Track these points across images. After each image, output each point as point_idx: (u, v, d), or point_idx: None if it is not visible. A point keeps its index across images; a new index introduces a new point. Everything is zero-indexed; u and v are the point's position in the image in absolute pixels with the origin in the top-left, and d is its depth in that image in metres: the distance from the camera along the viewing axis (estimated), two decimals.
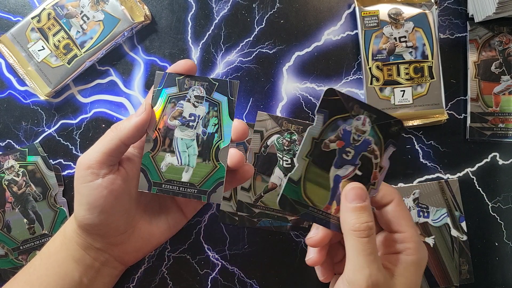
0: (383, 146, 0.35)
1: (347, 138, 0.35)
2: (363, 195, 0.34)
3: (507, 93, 0.48)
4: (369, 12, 0.47)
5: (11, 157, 0.47)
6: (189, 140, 0.38)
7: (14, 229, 0.47)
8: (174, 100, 0.38)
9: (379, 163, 0.35)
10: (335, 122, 0.35)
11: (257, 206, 0.47)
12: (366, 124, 0.35)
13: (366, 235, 0.33)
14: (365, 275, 0.32)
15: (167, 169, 0.38)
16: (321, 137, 0.35)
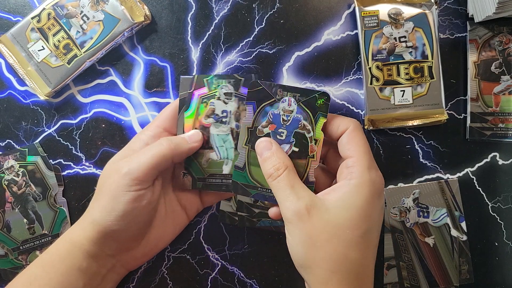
0: (313, 120, 0.37)
1: (278, 121, 0.38)
2: (267, 145, 0.37)
3: (507, 93, 0.48)
4: (369, 12, 0.47)
5: (11, 157, 0.47)
6: (224, 135, 0.41)
7: (14, 229, 0.47)
8: (206, 100, 0.40)
9: (313, 136, 0.37)
10: (264, 109, 0.38)
11: (257, 206, 0.47)
12: (292, 104, 0.38)
13: (276, 175, 0.36)
14: (285, 207, 0.34)
15: (208, 164, 0.41)
16: (254, 125, 0.38)
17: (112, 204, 0.36)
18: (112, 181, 0.37)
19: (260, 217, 0.47)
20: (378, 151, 0.48)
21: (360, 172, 0.34)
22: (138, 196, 0.37)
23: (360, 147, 0.36)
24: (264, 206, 0.47)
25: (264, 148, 0.37)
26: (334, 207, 0.34)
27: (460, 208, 0.47)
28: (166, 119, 0.41)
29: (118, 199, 0.36)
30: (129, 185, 0.36)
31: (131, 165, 0.37)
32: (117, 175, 0.36)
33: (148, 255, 0.42)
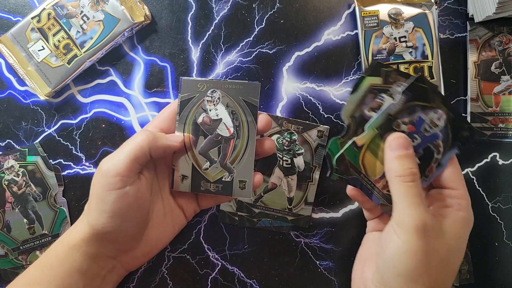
0: (449, 145, 0.36)
1: (419, 126, 0.36)
2: (406, 144, 0.35)
3: (507, 93, 0.48)
4: (369, 12, 0.47)
5: (11, 157, 0.47)
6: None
7: (14, 229, 0.47)
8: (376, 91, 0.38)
9: (439, 159, 0.36)
10: (414, 107, 0.36)
11: (257, 206, 0.47)
12: (441, 119, 0.36)
13: (411, 179, 0.34)
14: (412, 215, 0.33)
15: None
16: (396, 116, 0.36)
17: (100, 206, 0.36)
18: (95, 182, 0.36)
19: (260, 217, 0.47)
20: None
21: (467, 207, 0.36)
22: (123, 194, 0.36)
23: (463, 181, 0.37)
24: (264, 206, 0.47)
25: (402, 145, 0.35)
26: (449, 232, 0.34)
27: None
28: (164, 120, 0.41)
29: (104, 200, 0.36)
30: (111, 183, 0.35)
31: (110, 162, 0.36)
32: (99, 175, 0.36)
33: (148, 255, 0.42)
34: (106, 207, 0.36)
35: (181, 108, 0.40)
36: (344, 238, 0.48)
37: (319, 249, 0.48)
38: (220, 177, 0.40)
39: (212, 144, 0.40)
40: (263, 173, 0.47)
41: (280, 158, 0.47)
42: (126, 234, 0.38)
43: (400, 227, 0.33)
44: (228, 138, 0.40)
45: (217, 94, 0.39)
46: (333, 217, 0.48)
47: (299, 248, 0.48)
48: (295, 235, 0.48)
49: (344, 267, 0.47)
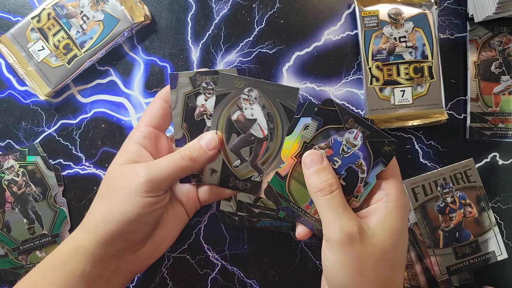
0: (372, 163, 0.36)
1: (337, 148, 0.36)
2: (319, 159, 0.36)
3: (507, 93, 0.48)
4: (369, 12, 0.47)
5: (11, 157, 0.47)
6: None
7: (14, 229, 0.47)
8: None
9: (365, 178, 0.36)
10: (328, 130, 0.36)
11: (257, 206, 0.47)
12: (357, 139, 0.36)
13: (328, 191, 0.34)
14: (337, 227, 0.33)
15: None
16: (312, 143, 0.37)
17: (127, 206, 0.36)
18: (128, 184, 0.37)
19: (260, 217, 0.47)
20: None
21: (396, 196, 0.35)
22: (154, 202, 0.37)
23: (394, 169, 0.37)
24: (264, 206, 0.47)
25: (314, 161, 0.36)
26: (379, 231, 0.34)
27: None
28: (153, 117, 0.41)
29: (134, 203, 0.36)
30: (148, 191, 0.36)
31: (152, 173, 0.37)
32: (136, 180, 0.36)
33: (152, 255, 0.42)
34: (133, 209, 0.36)
35: (216, 102, 0.39)
36: None
37: (319, 249, 0.48)
38: (250, 176, 0.40)
39: (245, 143, 0.40)
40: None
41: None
42: (138, 235, 0.39)
43: (328, 242, 0.34)
44: (261, 139, 0.39)
45: (254, 93, 0.39)
46: None
47: (299, 248, 0.48)
48: None
49: None
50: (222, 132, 0.39)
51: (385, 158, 0.36)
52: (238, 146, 0.40)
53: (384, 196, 0.36)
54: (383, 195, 0.36)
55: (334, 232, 0.33)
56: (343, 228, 0.33)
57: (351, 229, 0.33)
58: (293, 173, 0.37)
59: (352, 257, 0.33)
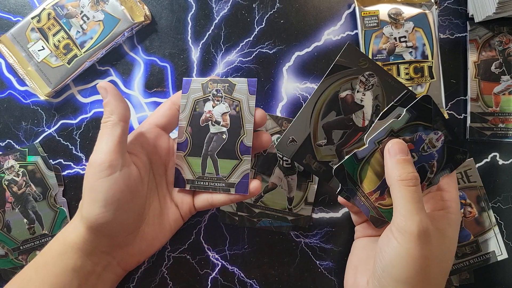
0: (442, 166, 0.37)
1: (418, 145, 0.37)
2: (405, 149, 0.36)
3: (507, 93, 0.48)
4: (369, 12, 0.47)
5: (11, 157, 0.47)
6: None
7: (14, 229, 0.47)
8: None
9: (430, 178, 0.38)
10: (416, 126, 0.37)
11: (257, 206, 0.47)
12: (439, 141, 0.37)
13: (413, 183, 0.34)
14: (416, 221, 0.33)
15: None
16: (398, 133, 0.37)
17: (92, 196, 0.36)
18: (86, 175, 0.37)
19: (260, 217, 0.47)
20: None
21: (457, 209, 0.37)
22: (114, 180, 0.36)
23: (456, 185, 0.38)
24: (264, 206, 0.47)
25: (402, 150, 0.36)
26: (444, 236, 0.35)
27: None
28: (159, 117, 0.41)
29: (96, 190, 0.36)
30: (100, 171, 0.35)
31: (95, 152, 0.36)
32: (88, 168, 0.36)
33: (145, 253, 0.42)
34: (98, 196, 0.36)
35: (330, 72, 0.37)
36: (344, 238, 0.48)
37: (319, 249, 0.48)
38: (328, 161, 0.38)
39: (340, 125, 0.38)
40: (263, 173, 0.47)
41: (280, 158, 0.47)
42: (121, 226, 0.38)
43: (401, 232, 0.33)
44: (358, 128, 0.38)
45: (374, 80, 0.37)
46: (333, 217, 0.48)
47: (299, 248, 0.48)
48: (295, 235, 0.48)
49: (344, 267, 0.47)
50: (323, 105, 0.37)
51: (454, 165, 0.37)
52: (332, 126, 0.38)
53: (447, 207, 0.37)
54: (447, 206, 0.37)
55: (412, 224, 0.33)
56: (422, 222, 0.33)
57: (429, 225, 0.33)
58: (369, 157, 0.37)
59: (423, 253, 0.33)
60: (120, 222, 0.38)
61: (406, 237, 0.33)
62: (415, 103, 0.36)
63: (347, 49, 0.37)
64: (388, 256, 0.34)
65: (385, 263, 0.34)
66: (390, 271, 0.34)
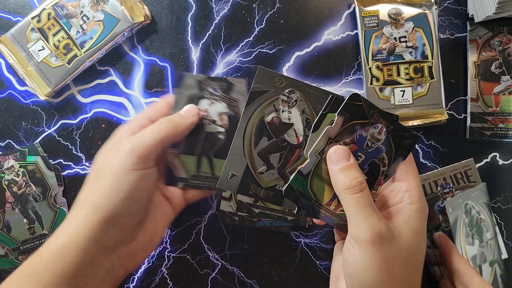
0: (393, 156, 0.36)
1: (361, 144, 0.36)
2: (346, 155, 0.35)
3: (507, 93, 0.48)
4: (369, 12, 0.47)
5: (11, 157, 0.47)
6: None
7: (14, 229, 0.47)
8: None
9: (385, 171, 0.36)
10: (353, 126, 0.35)
11: (257, 206, 0.47)
12: (382, 133, 0.36)
13: (358, 190, 0.34)
14: (367, 227, 0.33)
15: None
16: (337, 138, 0.36)
17: (116, 186, 0.35)
18: (114, 162, 0.35)
19: (260, 217, 0.47)
20: None
21: (418, 198, 0.36)
22: (143, 176, 0.35)
23: (415, 172, 0.37)
24: (264, 206, 0.47)
25: (341, 157, 0.35)
26: (405, 231, 0.34)
27: None
28: (153, 112, 0.40)
29: (123, 179, 0.35)
30: (134, 163, 0.35)
31: (135, 143, 0.35)
32: (121, 155, 0.35)
33: (146, 249, 0.40)
34: (124, 187, 0.35)
35: (249, 100, 0.36)
36: None
37: (319, 249, 0.48)
38: (274, 185, 0.37)
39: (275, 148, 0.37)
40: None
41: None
42: (130, 220, 0.37)
43: (356, 241, 0.33)
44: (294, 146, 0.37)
45: (295, 96, 0.36)
46: None
47: (299, 248, 0.48)
48: (295, 235, 0.48)
49: None
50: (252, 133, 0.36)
51: (405, 151, 0.36)
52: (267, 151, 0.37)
53: (407, 198, 0.36)
54: (406, 197, 0.36)
55: (364, 231, 0.33)
56: (374, 227, 0.33)
57: (382, 229, 0.33)
58: (315, 170, 0.36)
59: (381, 257, 0.33)
60: (132, 215, 0.37)
61: (362, 246, 0.33)
62: (344, 104, 0.35)
63: (260, 73, 0.36)
64: (351, 265, 0.34)
65: (350, 272, 0.34)
66: (356, 280, 0.34)
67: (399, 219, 0.35)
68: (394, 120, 0.35)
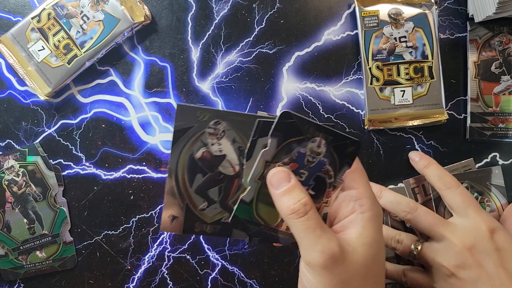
0: (338, 166, 0.34)
1: (301, 160, 0.34)
2: (286, 177, 0.33)
3: (507, 93, 0.48)
4: (369, 12, 0.47)
5: (11, 157, 0.47)
6: None
7: (14, 229, 0.47)
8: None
9: (333, 183, 0.35)
10: (289, 145, 0.34)
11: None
12: (321, 146, 0.34)
13: (303, 213, 0.32)
14: (318, 250, 0.31)
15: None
16: (274, 160, 0.34)
17: None
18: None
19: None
20: (378, 151, 0.48)
21: (370, 205, 0.34)
22: None
23: (364, 178, 0.35)
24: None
25: (281, 180, 0.33)
26: (359, 245, 0.32)
27: None
28: None
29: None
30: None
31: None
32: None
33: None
34: None
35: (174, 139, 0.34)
36: None
37: None
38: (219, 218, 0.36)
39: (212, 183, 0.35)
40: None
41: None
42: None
43: (309, 266, 0.32)
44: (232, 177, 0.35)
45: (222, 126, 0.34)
46: None
47: None
48: None
49: None
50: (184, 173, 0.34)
51: (350, 159, 0.34)
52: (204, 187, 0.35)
53: (358, 207, 0.34)
54: (357, 206, 0.34)
55: (315, 255, 0.31)
56: (325, 250, 0.31)
57: (333, 250, 0.31)
58: (259, 196, 0.35)
59: (337, 279, 0.31)
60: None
61: (315, 270, 0.32)
62: (275, 125, 0.33)
63: (179, 110, 0.34)
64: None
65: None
66: None
67: (353, 231, 0.33)
68: (331, 130, 0.34)
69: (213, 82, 0.48)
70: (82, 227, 0.48)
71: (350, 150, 0.34)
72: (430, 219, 0.41)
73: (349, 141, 0.34)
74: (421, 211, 0.42)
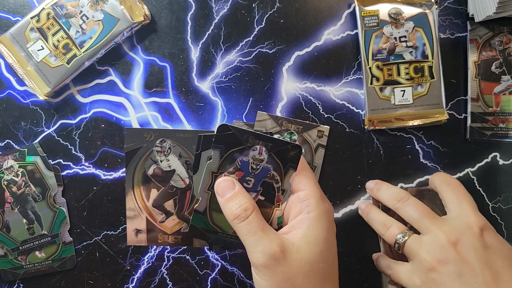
0: (283, 171, 0.36)
1: (246, 168, 0.36)
2: (230, 185, 0.35)
3: (508, 93, 0.48)
4: (369, 12, 0.47)
5: (10, 157, 0.47)
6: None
7: (14, 230, 0.47)
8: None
9: (281, 187, 0.36)
10: (232, 155, 0.36)
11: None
12: (262, 153, 0.36)
13: (244, 217, 0.34)
14: (259, 251, 0.33)
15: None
16: (220, 171, 0.36)
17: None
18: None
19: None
20: (378, 151, 0.48)
21: (316, 204, 0.35)
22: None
23: (310, 179, 0.36)
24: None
25: (226, 188, 0.35)
26: (304, 244, 0.34)
27: None
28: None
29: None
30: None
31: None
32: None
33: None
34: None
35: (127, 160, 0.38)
36: (344, 238, 0.48)
37: None
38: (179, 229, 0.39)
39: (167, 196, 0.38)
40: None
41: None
42: None
43: (256, 268, 0.34)
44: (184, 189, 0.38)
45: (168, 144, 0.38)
46: None
47: None
48: None
49: (344, 267, 0.47)
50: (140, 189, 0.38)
51: (293, 163, 0.36)
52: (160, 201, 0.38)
53: (305, 207, 0.35)
54: (304, 207, 0.35)
55: (258, 257, 0.33)
56: (265, 251, 0.33)
57: (273, 250, 0.33)
58: (211, 205, 0.37)
59: (280, 277, 0.33)
60: None
61: (260, 270, 0.33)
62: (215, 138, 0.35)
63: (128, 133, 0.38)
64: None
65: None
66: None
67: (298, 232, 0.34)
68: (271, 138, 0.36)
69: (213, 82, 0.48)
70: (81, 227, 0.48)
71: (292, 154, 0.36)
72: (420, 210, 0.41)
73: (289, 146, 0.36)
74: (412, 201, 0.42)
